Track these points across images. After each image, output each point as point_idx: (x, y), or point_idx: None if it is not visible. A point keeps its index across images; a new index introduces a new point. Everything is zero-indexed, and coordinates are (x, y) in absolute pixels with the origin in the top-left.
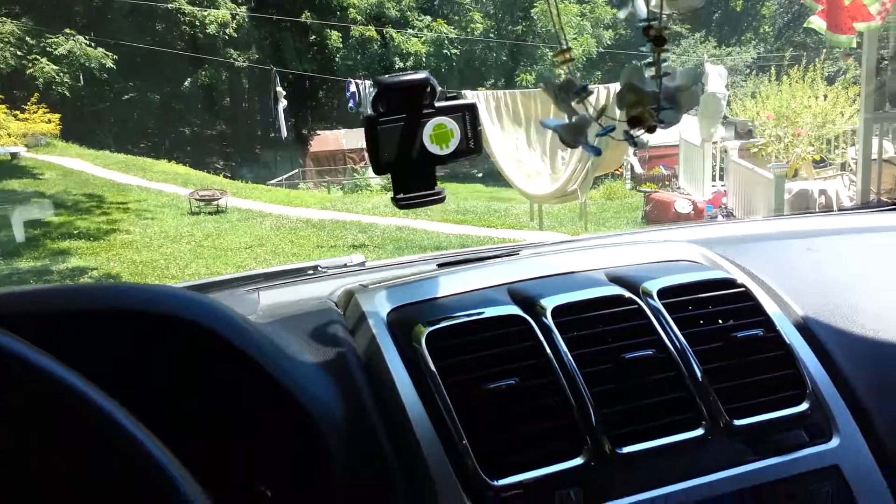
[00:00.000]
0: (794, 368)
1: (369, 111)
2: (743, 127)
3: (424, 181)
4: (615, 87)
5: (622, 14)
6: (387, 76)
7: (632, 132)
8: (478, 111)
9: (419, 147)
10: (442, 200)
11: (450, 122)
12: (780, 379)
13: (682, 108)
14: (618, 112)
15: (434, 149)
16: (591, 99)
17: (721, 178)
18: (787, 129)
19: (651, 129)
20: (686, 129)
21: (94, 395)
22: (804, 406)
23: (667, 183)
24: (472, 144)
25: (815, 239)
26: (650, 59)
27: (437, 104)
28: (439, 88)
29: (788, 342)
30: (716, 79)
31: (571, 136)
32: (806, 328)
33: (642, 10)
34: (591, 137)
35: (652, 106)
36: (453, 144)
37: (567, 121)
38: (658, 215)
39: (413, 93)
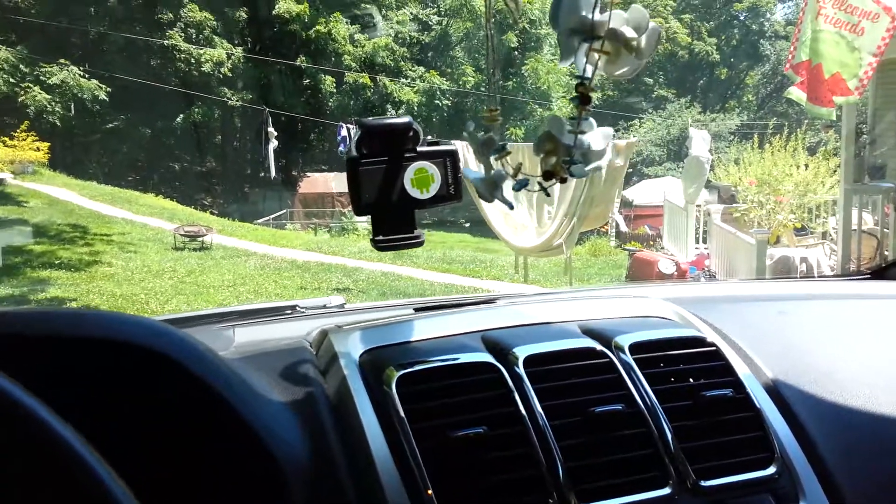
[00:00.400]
0: (763, 431)
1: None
2: (726, 192)
3: (404, 224)
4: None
5: (563, 65)
6: (370, 118)
7: (544, 184)
8: (458, 157)
9: (400, 190)
10: (420, 244)
11: (431, 167)
12: (748, 441)
13: (591, 163)
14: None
15: (415, 192)
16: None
17: (704, 241)
18: (770, 195)
19: (562, 181)
20: (670, 191)
21: (45, 416)
22: (772, 470)
23: (651, 243)
24: (453, 190)
25: (788, 302)
26: (574, 115)
27: (419, 149)
28: (422, 134)
29: (757, 404)
30: (699, 143)
31: (488, 189)
32: (775, 391)
33: (580, 67)
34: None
35: (565, 158)
36: (434, 189)
37: (484, 175)
38: (642, 274)
39: (396, 136)
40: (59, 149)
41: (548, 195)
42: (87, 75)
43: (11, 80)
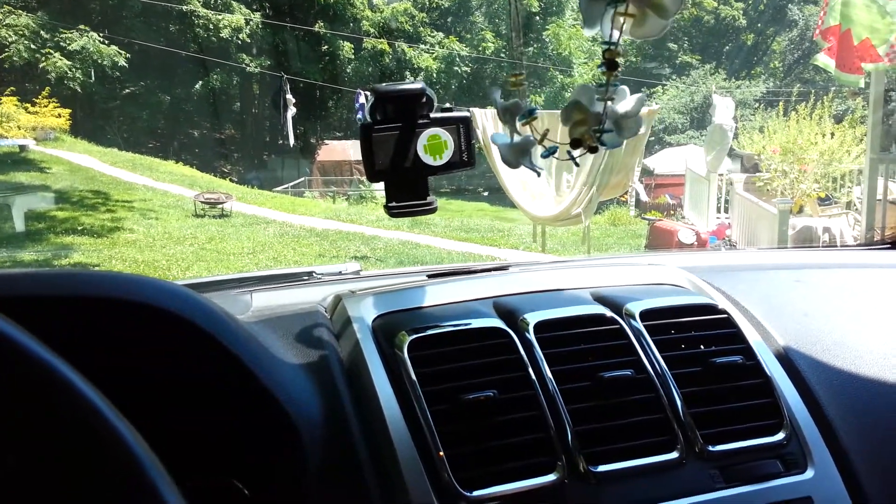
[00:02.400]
0: (772, 398)
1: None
2: (749, 160)
3: (417, 191)
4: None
5: (588, 32)
6: (384, 84)
7: (573, 153)
8: (471, 124)
9: (413, 157)
10: (433, 211)
11: (444, 134)
12: (757, 407)
13: (624, 132)
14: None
15: (427, 159)
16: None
17: (726, 210)
18: (794, 164)
19: (592, 150)
20: (692, 159)
21: (73, 378)
22: (780, 436)
23: (672, 212)
24: (466, 157)
25: (805, 271)
26: (602, 81)
27: (432, 115)
28: (435, 100)
29: (768, 371)
30: (723, 110)
31: (514, 156)
32: (786, 358)
33: (606, 33)
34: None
35: (595, 127)
36: (447, 156)
37: (510, 141)
38: (661, 244)
39: (409, 102)
40: (79, 115)
41: (577, 164)
42: (106, 41)
43: (32, 46)
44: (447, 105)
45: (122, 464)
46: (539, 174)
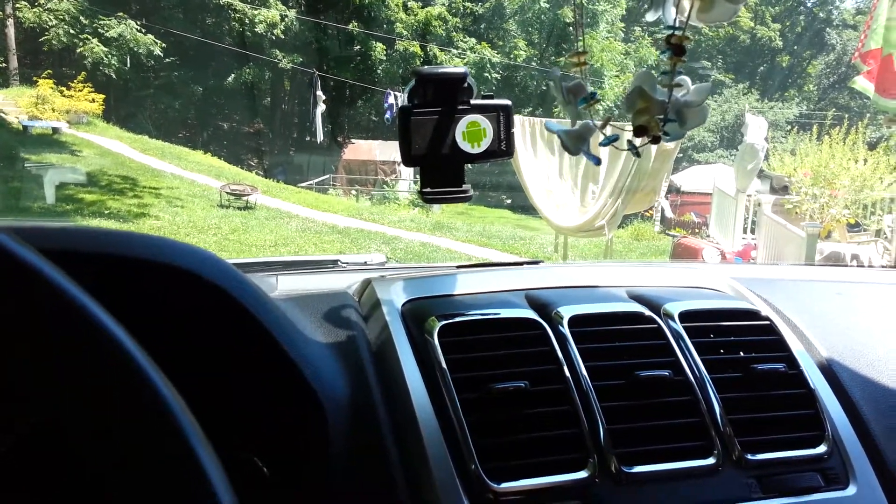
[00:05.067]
0: (815, 409)
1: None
2: (779, 182)
3: (453, 178)
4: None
5: (650, 16)
6: (426, 67)
7: (636, 142)
8: (512, 112)
9: (451, 143)
10: (468, 199)
11: (484, 121)
12: (798, 418)
13: (687, 123)
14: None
15: (465, 146)
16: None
17: (752, 231)
18: (824, 188)
19: (655, 140)
20: (721, 178)
21: (119, 333)
22: (822, 449)
23: (696, 230)
24: (504, 146)
25: (846, 284)
26: (666, 68)
27: (472, 101)
28: (475, 88)
29: (810, 381)
30: (755, 130)
31: (574, 142)
32: (829, 370)
33: (670, 17)
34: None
35: (658, 115)
36: (485, 144)
37: (571, 126)
38: (684, 261)
39: (450, 87)
40: (113, 101)
41: (638, 155)
42: (143, 30)
43: (71, 31)
44: (487, 93)
45: (161, 422)
46: (598, 163)
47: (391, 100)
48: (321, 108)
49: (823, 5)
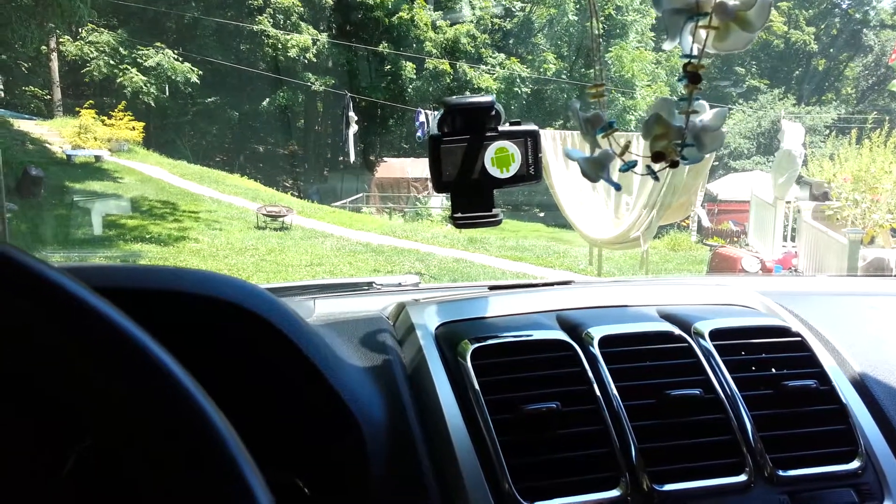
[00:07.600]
0: (847, 424)
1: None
2: (818, 188)
3: (483, 203)
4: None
5: (667, 46)
6: (454, 97)
7: (654, 167)
8: (540, 138)
9: (480, 169)
10: (498, 223)
11: (511, 147)
12: (831, 434)
13: (705, 147)
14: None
15: (494, 171)
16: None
17: (792, 239)
18: (865, 193)
19: (673, 165)
20: (758, 185)
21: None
22: (856, 464)
23: (735, 239)
24: (532, 171)
25: (881, 297)
26: (683, 95)
27: (500, 128)
28: (503, 114)
29: (843, 397)
30: (792, 136)
31: (594, 170)
32: (862, 385)
33: (686, 46)
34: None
35: (676, 141)
36: (513, 169)
37: (590, 154)
38: (723, 271)
39: (478, 115)
40: (152, 128)
41: (656, 179)
42: (180, 58)
43: (111, 62)
44: (515, 119)
45: (216, 452)
46: (619, 189)
47: (422, 118)
48: (353, 128)
49: (860, 6)
